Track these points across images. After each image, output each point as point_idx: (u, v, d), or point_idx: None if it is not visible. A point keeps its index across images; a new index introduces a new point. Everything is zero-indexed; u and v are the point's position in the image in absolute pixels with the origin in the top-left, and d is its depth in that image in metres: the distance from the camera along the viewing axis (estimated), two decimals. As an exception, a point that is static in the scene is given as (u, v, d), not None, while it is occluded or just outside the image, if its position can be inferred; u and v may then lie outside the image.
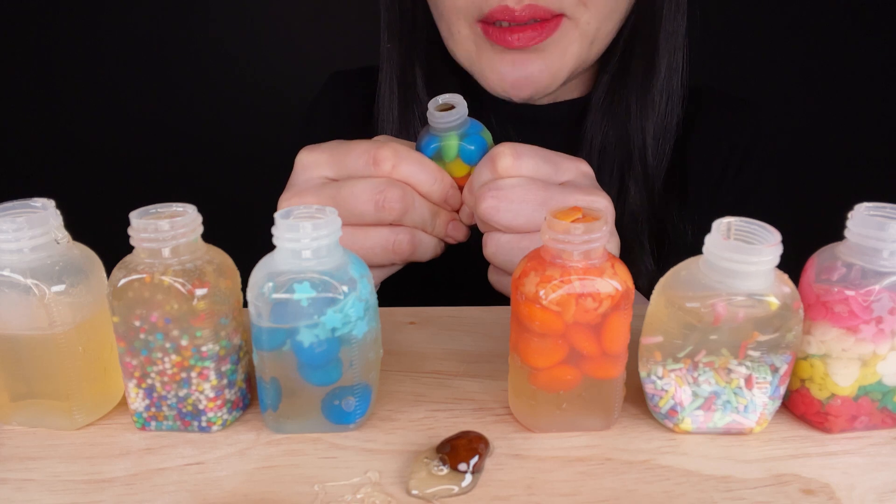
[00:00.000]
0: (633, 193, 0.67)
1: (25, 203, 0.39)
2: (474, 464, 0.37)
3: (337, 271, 0.37)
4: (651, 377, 0.40)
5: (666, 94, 0.67)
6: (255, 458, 0.39)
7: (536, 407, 0.40)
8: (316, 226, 0.37)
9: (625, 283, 0.37)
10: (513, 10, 0.56)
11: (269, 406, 0.40)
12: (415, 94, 0.70)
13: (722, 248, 0.36)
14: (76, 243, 0.41)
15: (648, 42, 0.66)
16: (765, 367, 0.38)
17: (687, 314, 0.37)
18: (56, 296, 0.38)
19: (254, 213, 0.59)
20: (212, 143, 1.65)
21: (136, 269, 0.37)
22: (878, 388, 0.39)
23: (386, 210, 0.47)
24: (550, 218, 0.37)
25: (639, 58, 0.66)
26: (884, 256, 0.37)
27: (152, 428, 0.41)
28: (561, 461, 0.38)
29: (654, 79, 0.66)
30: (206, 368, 0.39)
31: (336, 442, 0.40)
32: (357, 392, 0.39)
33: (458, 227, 0.51)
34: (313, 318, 0.37)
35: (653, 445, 0.39)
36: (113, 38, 1.60)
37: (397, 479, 0.37)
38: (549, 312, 0.37)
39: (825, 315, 0.38)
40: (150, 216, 0.38)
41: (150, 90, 1.64)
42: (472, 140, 0.50)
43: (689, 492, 0.36)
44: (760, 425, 0.40)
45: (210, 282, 0.38)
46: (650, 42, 0.66)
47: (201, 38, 1.61)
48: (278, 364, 0.38)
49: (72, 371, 0.39)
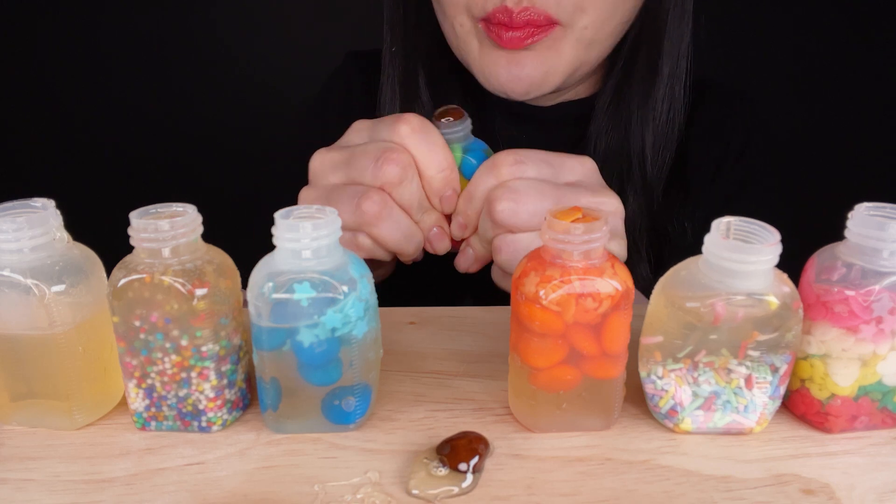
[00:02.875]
0: (632, 201, 0.67)
1: (25, 203, 0.39)
2: (474, 464, 0.37)
3: (337, 271, 0.37)
4: (651, 377, 0.40)
5: (668, 102, 0.67)
6: (255, 458, 0.39)
7: (536, 407, 0.40)
8: (316, 226, 0.37)
9: (625, 283, 0.37)
10: (511, 11, 0.56)
11: (269, 406, 0.40)
12: (416, 95, 0.70)
13: (721, 247, 0.36)
14: (76, 243, 0.41)
15: (652, 48, 0.65)
16: (765, 366, 0.38)
17: (687, 314, 0.37)
18: (56, 296, 0.38)
19: (254, 213, 0.59)
20: (212, 143, 1.65)
21: (136, 269, 0.37)
22: (878, 388, 0.39)
23: (383, 169, 0.46)
24: (550, 218, 0.37)
25: (642, 64, 0.66)
26: (884, 256, 0.37)
27: (152, 428, 0.41)
28: (561, 461, 0.38)
29: (655, 85, 0.66)
30: (206, 368, 0.39)
31: (336, 442, 0.40)
32: (357, 392, 0.39)
33: (441, 237, 0.50)
34: (313, 318, 0.37)
35: (653, 445, 0.39)
36: (112, 38, 1.60)
37: (397, 479, 0.37)
38: (549, 312, 0.37)
39: (825, 315, 0.38)
40: (150, 216, 0.38)
41: (150, 90, 1.64)
42: (475, 155, 0.50)
43: (689, 492, 0.36)
44: (760, 425, 0.40)
45: (210, 282, 0.38)
46: (653, 48, 0.65)
47: (201, 39, 1.61)
48: (278, 364, 0.38)
49: (72, 371, 0.39)
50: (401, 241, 0.49)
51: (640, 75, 0.66)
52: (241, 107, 1.63)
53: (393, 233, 0.48)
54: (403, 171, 0.47)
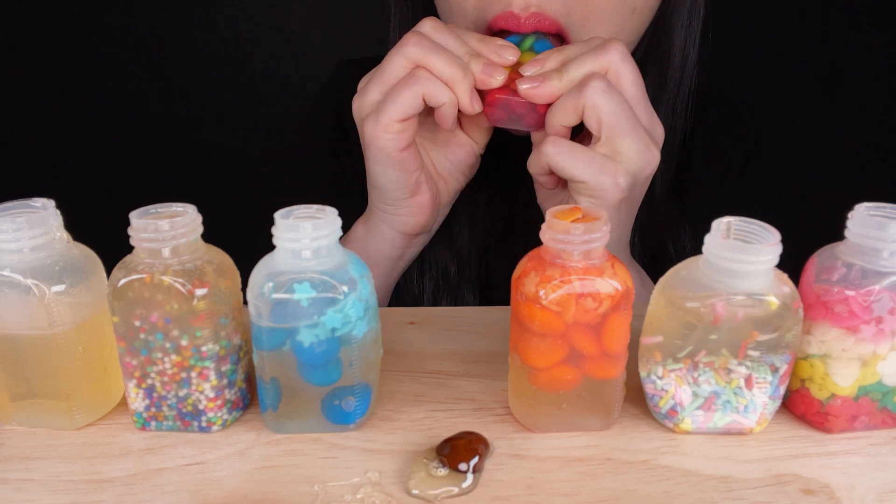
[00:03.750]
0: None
1: (25, 203, 0.39)
2: (474, 464, 0.37)
3: (337, 271, 0.37)
4: (651, 377, 0.40)
5: (671, 118, 0.66)
6: (255, 458, 0.39)
7: (536, 407, 0.40)
8: (316, 226, 0.37)
9: (625, 283, 0.37)
10: (518, 17, 0.55)
11: (269, 406, 0.40)
12: None
13: (721, 247, 0.36)
14: (76, 243, 0.41)
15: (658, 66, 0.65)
16: (765, 366, 0.38)
17: (687, 314, 0.37)
18: (56, 296, 0.38)
19: (254, 213, 0.59)
20: (212, 143, 1.65)
21: (136, 269, 0.37)
22: (878, 388, 0.39)
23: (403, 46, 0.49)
24: (550, 218, 0.37)
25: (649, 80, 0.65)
26: (884, 256, 0.37)
27: (152, 428, 0.41)
28: (561, 461, 0.38)
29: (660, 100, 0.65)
30: (206, 368, 0.39)
31: (336, 442, 0.40)
32: (357, 392, 0.39)
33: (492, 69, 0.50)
34: (313, 318, 0.37)
35: (653, 445, 0.39)
36: (113, 39, 1.60)
37: (397, 479, 0.37)
38: (549, 312, 0.37)
39: (825, 315, 0.38)
40: (149, 216, 0.38)
41: (151, 90, 1.64)
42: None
43: (689, 492, 0.36)
44: (760, 425, 0.40)
45: (210, 282, 0.38)
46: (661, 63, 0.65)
47: (202, 38, 1.61)
48: (278, 364, 0.38)
49: (72, 371, 0.39)
50: (453, 72, 0.49)
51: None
52: (241, 107, 1.63)
53: (441, 61, 0.49)
54: (422, 40, 0.48)
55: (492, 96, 0.50)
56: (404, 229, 0.56)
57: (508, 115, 0.50)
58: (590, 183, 0.48)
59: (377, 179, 0.53)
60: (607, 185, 0.48)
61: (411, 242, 0.58)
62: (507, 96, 0.49)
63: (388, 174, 0.52)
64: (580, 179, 0.48)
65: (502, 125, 0.52)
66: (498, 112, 0.50)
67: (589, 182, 0.48)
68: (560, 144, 0.48)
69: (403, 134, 0.50)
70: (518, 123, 0.51)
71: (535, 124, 0.51)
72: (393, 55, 0.50)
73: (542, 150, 0.49)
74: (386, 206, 0.55)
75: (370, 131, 0.50)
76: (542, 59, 0.50)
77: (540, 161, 0.49)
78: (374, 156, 0.52)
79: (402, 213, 0.55)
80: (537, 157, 0.50)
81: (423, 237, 0.59)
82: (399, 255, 0.58)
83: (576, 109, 0.48)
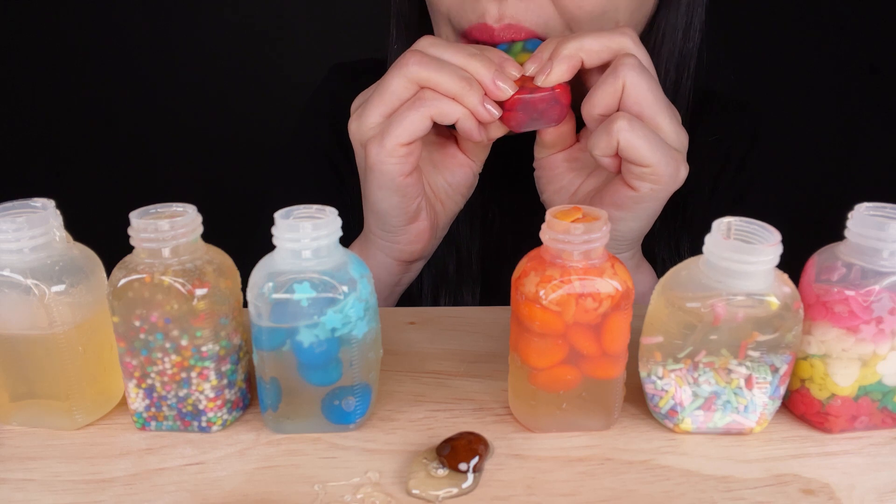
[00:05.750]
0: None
1: (25, 203, 0.39)
2: (474, 464, 0.37)
3: (337, 271, 0.37)
4: (651, 377, 0.40)
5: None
6: (255, 458, 0.39)
7: (536, 407, 0.40)
8: (316, 226, 0.37)
9: (625, 283, 0.37)
10: (492, 28, 0.53)
11: (269, 406, 0.40)
12: None
13: (722, 247, 0.36)
14: (76, 243, 0.41)
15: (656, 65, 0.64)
16: (765, 367, 0.38)
17: (687, 314, 0.37)
18: (56, 296, 0.38)
19: (254, 213, 0.59)
20: (212, 143, 1.65)
21: (136, 269, 0.37)
22: (878, 388, 0.39)
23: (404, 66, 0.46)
24: (550, 218, 0.37)
25: None
26: (884, 256, 0.37)
27: (152, 428, 0.41)
28: (561, 461, 0.38)
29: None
30: (206, 368, 0.39)
31: (336, 442, 0.40)
32: (357, 392, 0.39)
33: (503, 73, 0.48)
34: (313, 318, 0.37)
35: (653, 445, 0.39)
36: (113, 39, 1.60)
37: (397, 479, 0.37)
38: (549, 312, 0.37)
39: (825, 315, 0.38)
40: (150, 216, 0.38)
41: (150, 91, 1.64)
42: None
43: (689, 492, 0.36)
44: (760, 425, 0.40)
45: (210, 282, 0.38)
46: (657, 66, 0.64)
47: (202, 38, 1.61)
48: (278, 364, 0.38)
49: (72, 371, 0.39)
50: (460, 86, 0.47)
51: None
52: (241, 107, 1.63)
53: (446, 77, 0.47)
54: (421, 59, 0.46)
55: (510, 102, 0.48)
56: (401, 256, 0.55)
57: (530, 116, 0.49)
58: (657, 168, 0.46)
59: (377, 204, 0.51)
60: (672, 172, 0.47)
61: (408, 269, 0.57)
62: (526, 95, 0.48)
63: (390, 199, 0.50)
64: (649, 163, 0.46)
65: (524, 128, 0.50)
66: (520, 115, 0.49)
67: (656, 167, 0.46)
68: (635, 123, 0.46)
69: (409, 157, 0.48)
70: (540, 122, 0.50)
71: (559, 117, 0.50)
72: (393, 75, 0.47)
73: (615, 129, 0.46)
74: (384, 234, 0.54)
75: (374, 155, 0.48)
76: (541, 50, 0.49)
77: (610, 141, 0.46)
78: (377, 180, 0.49)
79: (400, 241, 0.54)
80: (607, 137, 0.46)
81: (420, 263, 0.58)
82: (396, 281, 0.57)
83: (616, 90, 0.46)
